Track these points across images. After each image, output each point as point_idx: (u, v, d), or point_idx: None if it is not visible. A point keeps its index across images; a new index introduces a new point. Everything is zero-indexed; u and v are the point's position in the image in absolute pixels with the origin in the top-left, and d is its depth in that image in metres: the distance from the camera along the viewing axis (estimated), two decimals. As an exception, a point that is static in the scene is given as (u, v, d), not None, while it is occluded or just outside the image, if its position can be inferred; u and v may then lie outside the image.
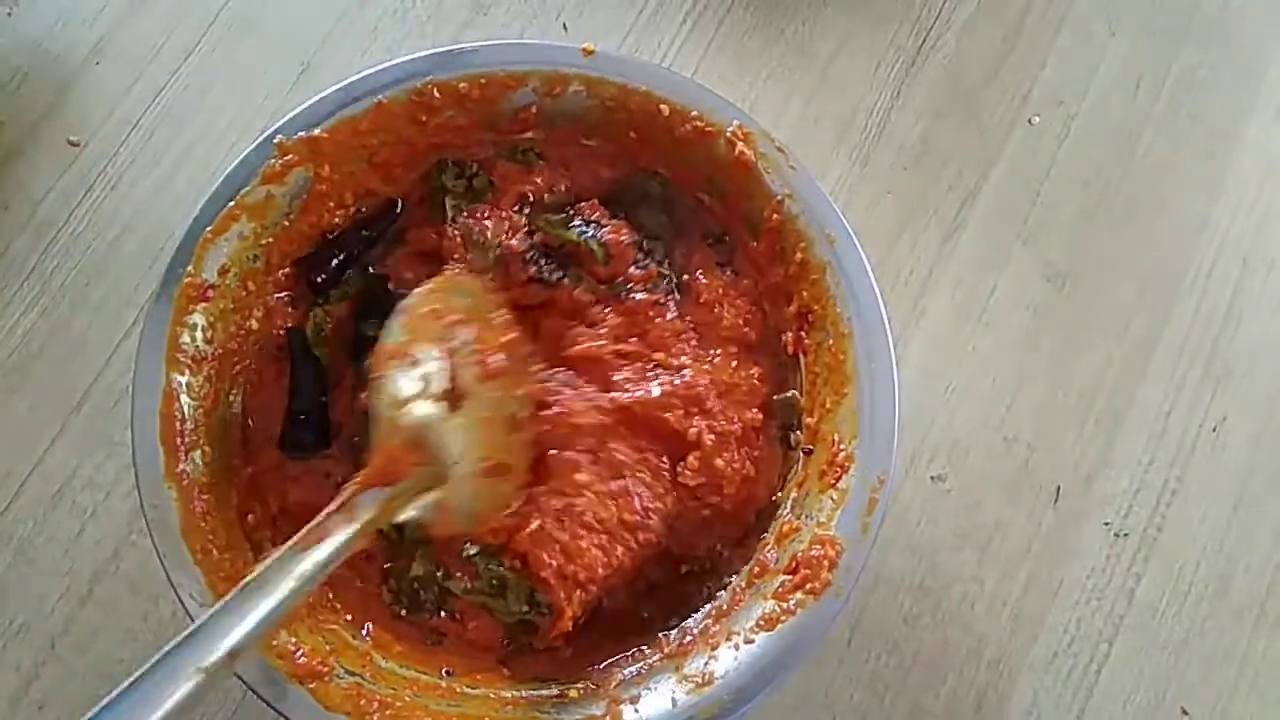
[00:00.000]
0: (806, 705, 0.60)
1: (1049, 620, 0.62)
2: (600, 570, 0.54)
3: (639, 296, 0.59)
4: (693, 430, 0.56)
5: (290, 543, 0.46)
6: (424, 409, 0.50)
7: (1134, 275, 0.68)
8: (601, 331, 0.58)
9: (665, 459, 0.56)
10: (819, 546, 0.52)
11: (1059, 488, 0.64)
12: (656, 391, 0.56)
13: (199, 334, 0.54)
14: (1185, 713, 0.61)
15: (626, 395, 0.56)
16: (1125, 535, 0.64)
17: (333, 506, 0.48)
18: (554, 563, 0.54)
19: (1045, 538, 0.63)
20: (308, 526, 0.47)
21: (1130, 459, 0.65)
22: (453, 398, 0.51)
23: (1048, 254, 0.68)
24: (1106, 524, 0.64)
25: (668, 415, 0.56)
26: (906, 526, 0.63)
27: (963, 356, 0.66)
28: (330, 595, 0.54)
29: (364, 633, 0.54)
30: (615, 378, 0.57)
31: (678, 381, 0.57)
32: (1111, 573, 0.63)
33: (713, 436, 0.56)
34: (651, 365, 0.58)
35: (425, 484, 0.50)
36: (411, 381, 0.50)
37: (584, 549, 0.54)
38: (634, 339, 0.58)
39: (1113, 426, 0.66)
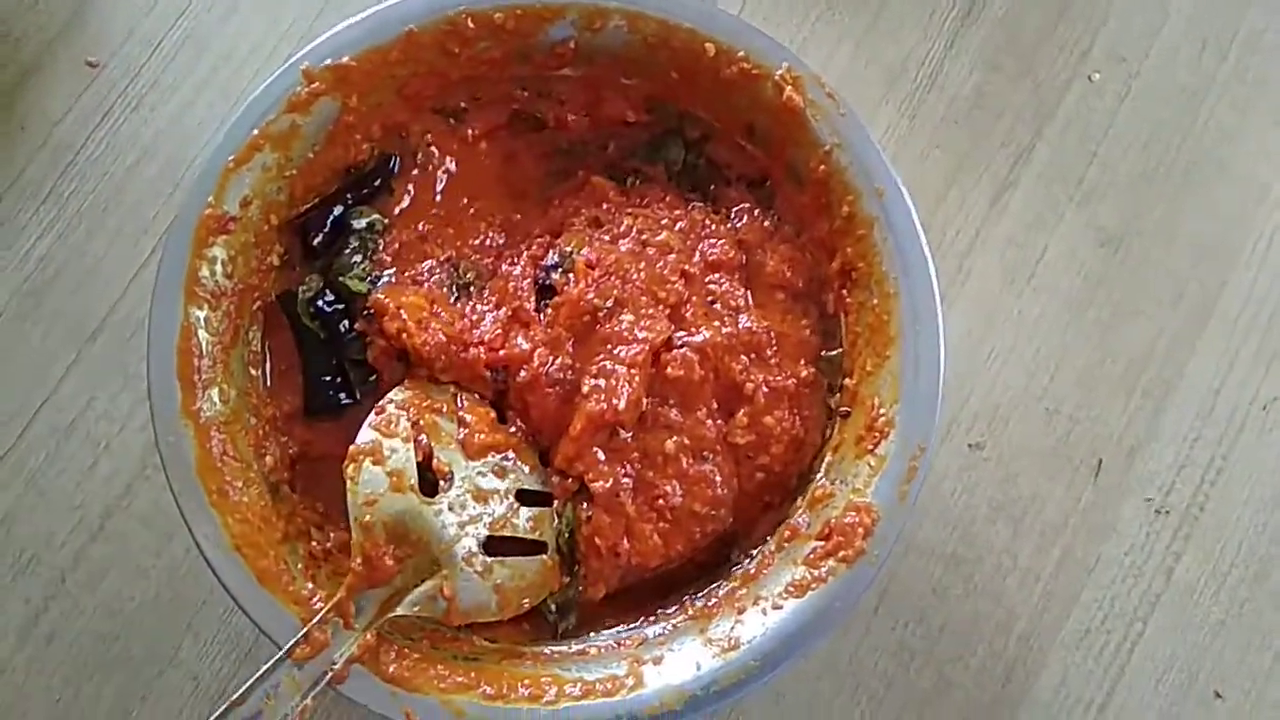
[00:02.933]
0: (830, 672, 0.59)
1: (1083, 596, 0.60)
2: (654, 561, 0.52)
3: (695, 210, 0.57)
4: (750, 384, 0.53)
5: (284, 650, 0.46)
6: (394, 500, 0.49)
7: (1190, 243, 0.65)
8: (665, 225, 0.56)
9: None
10: (854, 514, 0.50)
11: (1100, 461, 0.62)
12: (726, 332, 0.54)
13: (219, 268, 0.52)
14: (1219, 695, 0.59)
15: (699, 336, 0.53)
16: (1166, 513, 0.62)
17: (325, 611, 0.47)
18: (610, 541, 0.52)
19: (1083, 512, 0.61)
20: (299, 634, 0.46)
21: (1176, 434, 0.63)
22: (430, 485, 0.50)
23: (1101, 217, 0.65)
24: (1148, 500, 0.62)
25: (735, 366, 0.53)
26: (941, 495, 0.61)
27: (1007, 321, 0.64)
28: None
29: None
30: (685, 313, 0.54)
31: (741, 326, 0.54)
32: (1150, 550, 0.61)
33: (766, 390, 0.54)
34: (710, 299, 0.55)
35: (420, 575, 0.49)
36: (378, 476, 0.49)
37: (646, 534, 0.52)
38: (696, 260, 0.56)
39: (1160, 400, 0.63)
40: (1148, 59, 0.68)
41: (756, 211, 0.58)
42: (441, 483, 0.51)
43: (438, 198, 0.58)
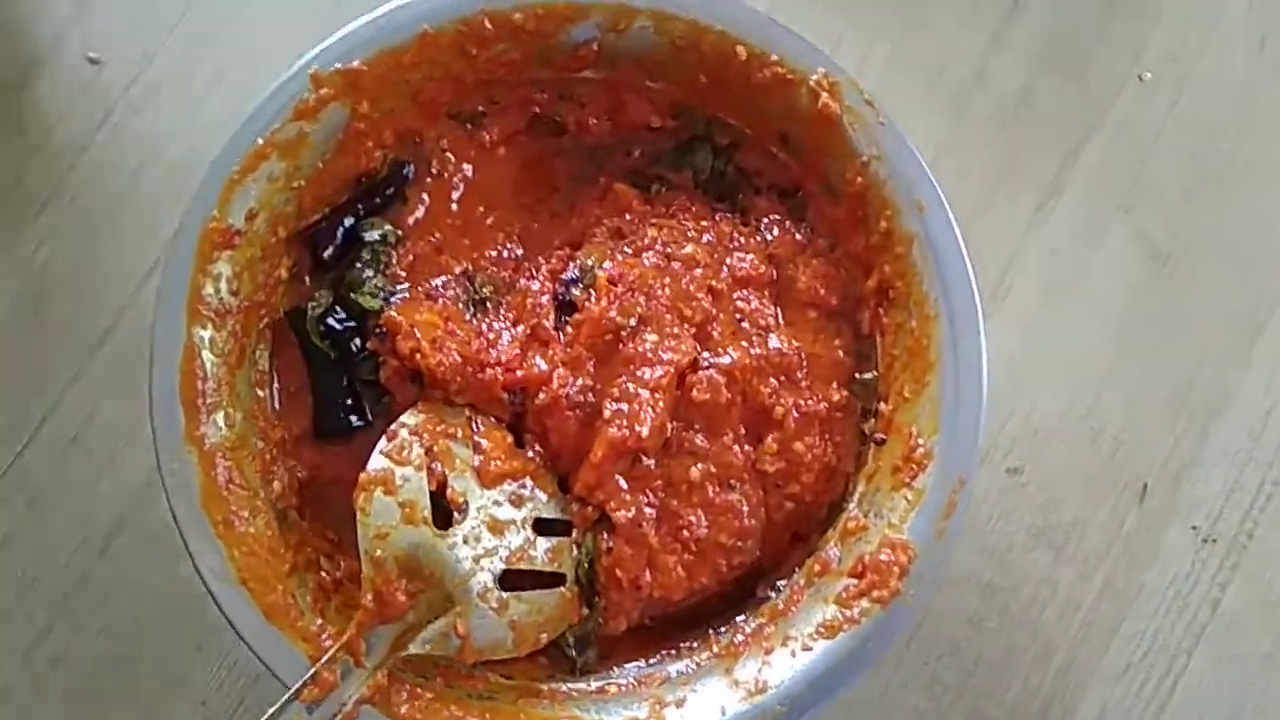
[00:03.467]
0: (860, 706, 0.57)
1: (1124, 628, 0.58)
2: (677, 594, 0.50)
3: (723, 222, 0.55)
4: (779, 408, 0.51)
5: (292, 692, 0.44)
6: (406, 534, 0.47)
7: (1243, 257, 0.62)
8: (691, 237, 0.53)
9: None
10: (889, 551, 0.48)
11: (1145, 486, 0.59)
12: (754, 353, 0.51)
13: (224, 284, 0.49)
14: (1265, 734, 0.57)
15: (726, 358, 0.51)
16: (1213, 540, 0.59)
17: (335, 650, 0.45)
18: (632, 573, 0.49)
19: (1126, 539, 0.59)
20: (307, 675, 0.44)
21: (1224, 458, 0.60)
22: (444, 514, 0.48)
23: (1151, 228, 0.62)
24: (1194, 527, 0.59)
25: (764, 389, 0.51)
26: (977, 521, 0.58)
27: (1050, 338, 0.61)
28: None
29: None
30: (712, 332, 0.52)
31: (771, 347, 0.52)
32: (1196, 580, 0.59)
33: (796, 415, 0.51)
34: (738, 316, 0.52)
35: (434, 611, 0.47)
36: (390, 507, 0.47)
37: (670, 565, 0.50)
38: (724, 274, 0.53)
39: (1208, 422, 0.60)
40: (1202, 58, 0.64)
41: (788, 223, 0.55)
42: (455, 514, 0.48)
43: (454, 207, 0.55)
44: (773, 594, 0.51)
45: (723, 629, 0.51)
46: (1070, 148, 0.63)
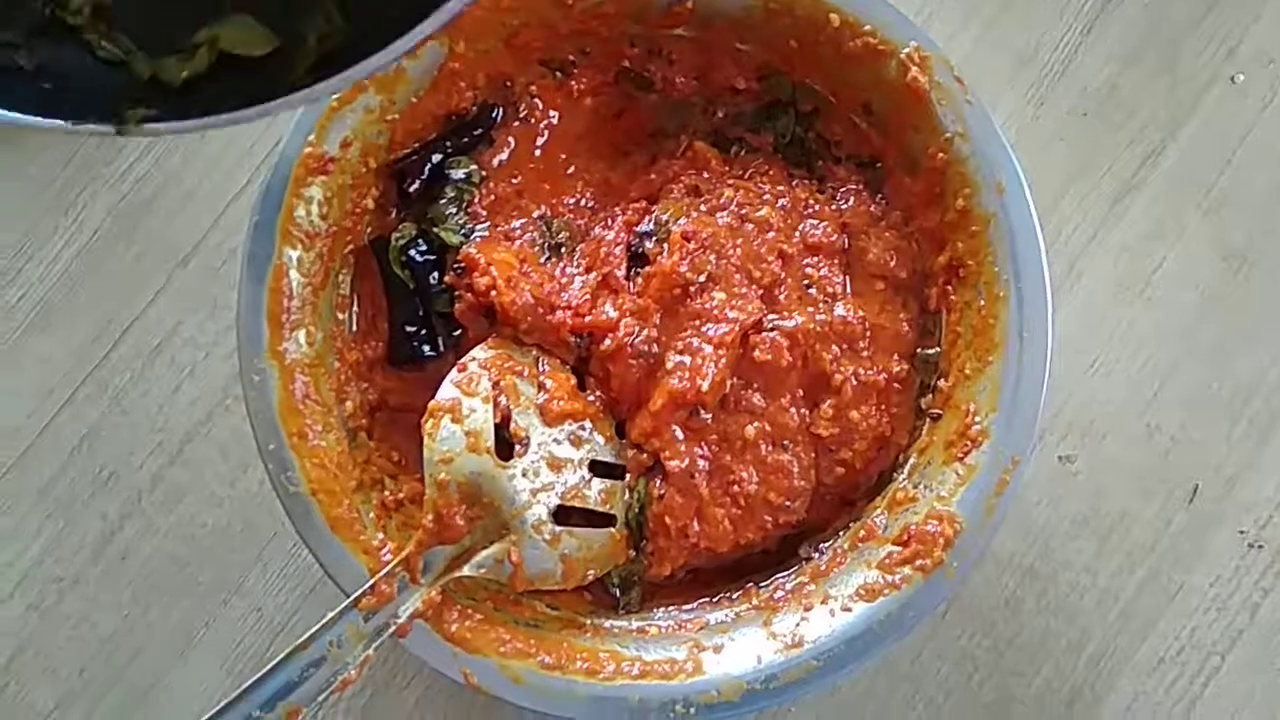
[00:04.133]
0: (889, 671, 0.58)
1: (1161, 624, 0.58)
2: (723, 548, 0.51)
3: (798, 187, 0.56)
4: (839, 375, 0.52)
5: (351, 599, 0.46)
6: (470, 461, 0.48)
7: (1321, 266, 0.61)
8: (767, 200, 0.54)
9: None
10: (935, 522, 0.49)
11: (1197, 486, 0.59)
12: (819, 319, 0.52)
13: (315, 208, 0.51)
14: (1293, 742, 0.57)
15: (790, 321, 0.52)
16: (1260, 547, 0.59)
17: (394, 564, 0.47)
18: (681, 521, 0.51)
19: (1173, 537, 0.59)
20: (366, 585, 0.46)
21: (1279, 468, 0.59)
22: (506, 446, 0.50)
23: (1228, 231, 0.61)
24: (1242, 532, 0.59)
25: (826, 355, 0.52)
26: (1023, 504, 0.59)
27: (1115, 331, 0.61)
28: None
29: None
30: (779, 295, 0.53)
31: (836, 315, 0.53)
32: (1238, 584, 0.59)
33: (855, 384, 0.52)
34: (806, 282, 0.53)
35: (489, 538, 0.48)
36: (456, 435, 0.48)
37: (718, 518, 0.51)
38: (796, 239, 0.54)
39: (1267, 429, 0.60)
40: (1299, 63, 0.63)
41: (864, 194, 0.56)
42: (517, 447, 0.50)
43: (537, 152, 0.57)
44: (816, 555, 0.52)
45: (764, 584, 0.52)
46: (1153, 144, 0.62)
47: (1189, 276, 0.61)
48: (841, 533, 0.53)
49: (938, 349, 0.54)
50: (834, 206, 0.55)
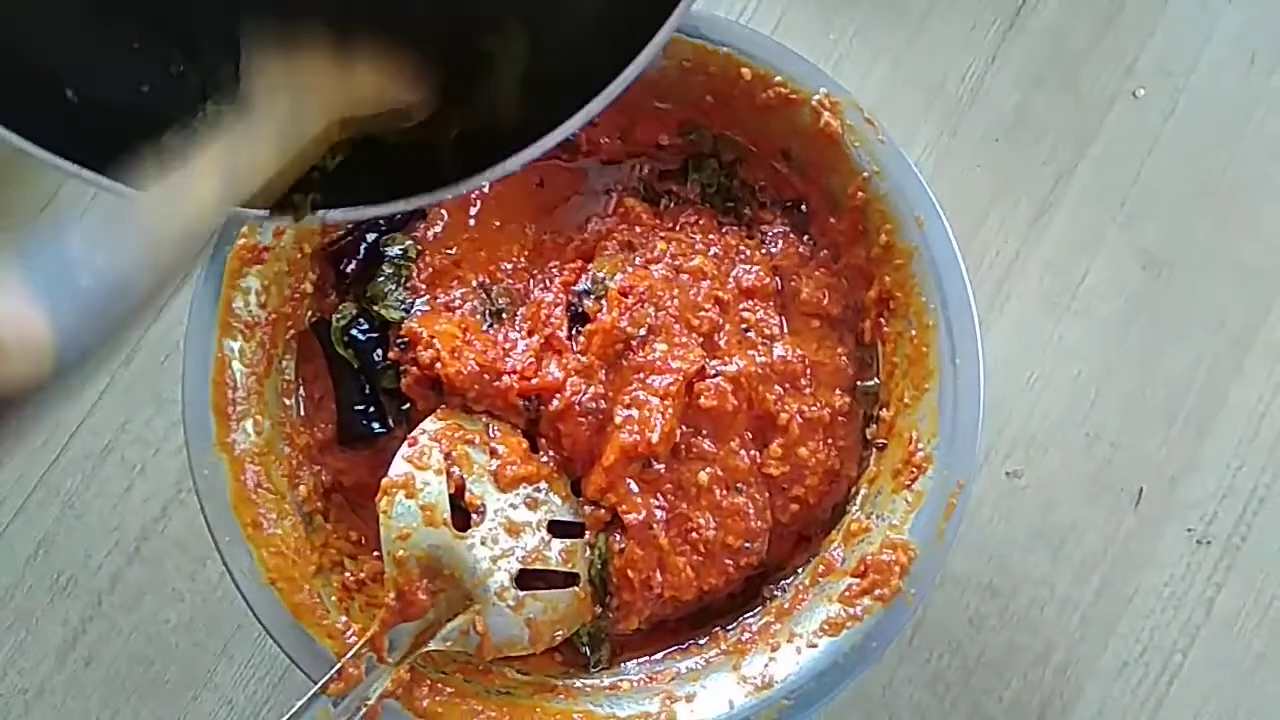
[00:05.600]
0: (863, 702, 0.58)
1: (1121, 627, 0.60)
2: (688, 595, 0.52)
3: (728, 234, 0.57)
4: (784, 414, 0.53)
5: (319, 685, 0.46)
6: (427, 535, 0.49)
7: (1235, 266, 0.64)
8: (699, 249, 0.56)
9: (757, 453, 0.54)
10: (890, 551, 0.50)
11: (1141, 490, 0.61)
12: (760, 361, 0.53)
13: (253, 298, 0.52)
14: (1259, 730, 0.59)
15: (732, 366, 0.53)
16: (1208, 543, 0.61)
17: (360, 646, 0.47)
18: (644, 573, 0.51)
19: (1123, 541, 0.60)
20: (333, 670, 0.46)
21: (1218, 463, 0.61)
22: (463, 516, 0.50)
23: (1145, 239, 0.64)
24: (1189, 530, 0.61)
25: (769, 395, 0.53)
26: (977, 524, 0.60)
27: (1047, 346, 0.63)
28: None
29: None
30: (719, 341, 0.54)
31: (776, 355, 0.54)
32: (1191, 581, 0.60)
33: (801, 421, 0.53)
34: (744, 326, 0.55)
35: (454, 610, 0.49)
36: (411, 510, 0.49)
37: (680, 566, 0.52)
38: (730, 285, 0.55)
39: (1202, 426, 0.62)
40: (1194, 73, 0.66)
41: (792, 236, 0.57)
42: (474, 515, 0.51)
43: (471, 221, 0.58)
44: (779, 593, 0.53)
45: (730, 627, 0.53)
46: (1065, 163, 0.65)
47: (1112, 286, 0.63)
48: (801, 569, 0.54)
49: (876, 380, 0.55)
50: (764, 250, 0.57)
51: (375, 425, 0.54)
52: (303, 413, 0.55)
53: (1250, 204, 0.64)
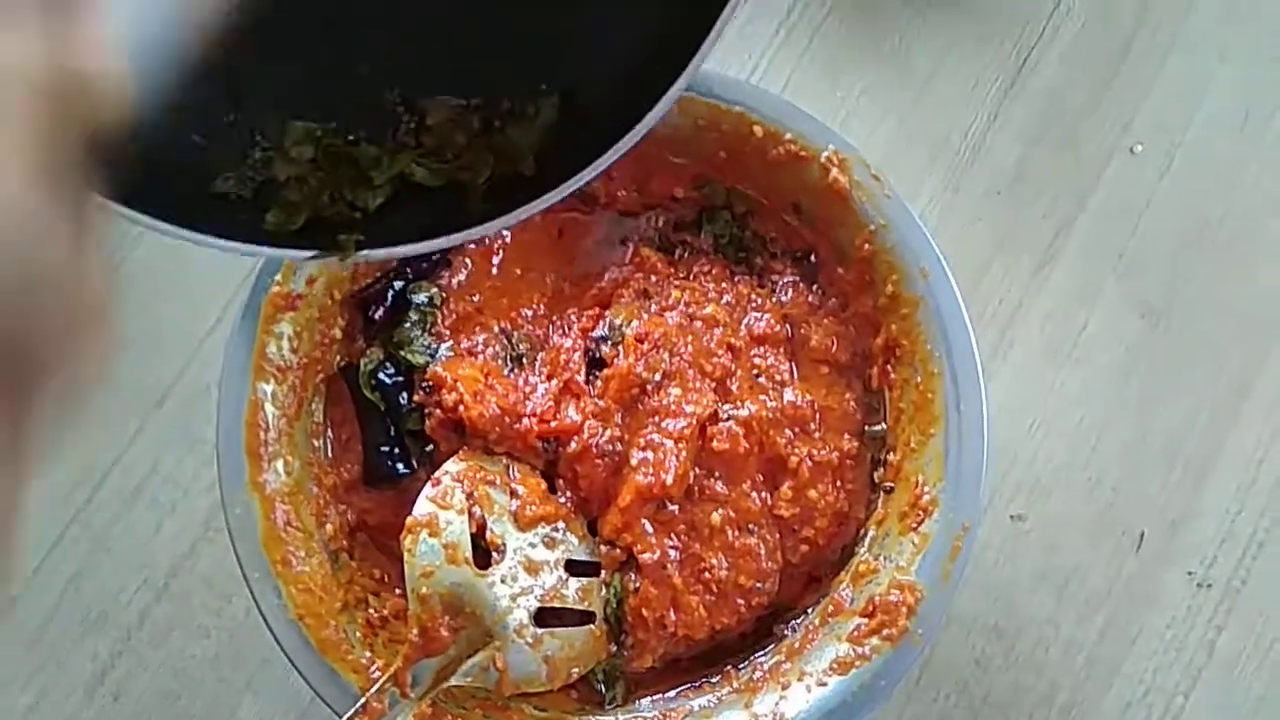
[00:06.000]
0: (872, 742, 0.59)
1: (1124, 669, 0.61)
2: (700, 634, 0.54)
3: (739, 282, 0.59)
4: (794, 457, 0.55)
5: (346, 719, 0.47)
6: (450, 573, 0.50)
7: (1232, 315, 0.66)
8: (712, 298, 0.58)
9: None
10: (898, 592, 0.51)
11: (1143, 533, 0.62)
12: (771, 406, 0.55)
13: (285, 343, 0.54)
14: (1260, 772, 0.60)
15: (744, 410, 0.55)
16: (1208, 586, 0.62)
17: (383, 681, 0.48)
18: (658, 612, 0.53)
19: (1126, 583, 0.62)
20: (358, 704, 0.48)
21: (1218, 507, 0.63)
22: (483, 554, 0.52)
23: (1143, 290, 0.66)
24: (1190, 573, 0.62)
25: (780, 439, 0.55)
26: (983, 566, 0.62)
27: (1049, 393, 0.64)
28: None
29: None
30: (731, 386, 0.56)
31: (786, 400, 0.56)
32: (1192, 624, 0.61)
33: (810, 464, 0.55)
34: (755, 371, 0.57)
35: (474, 646, 0.50)
36: (434, 549, 0.51)
37: (693, 605, 0.53)
38: (742, 333, 0.57)
39: (1201, 472, 0.63)
40: (1189, 130, 0.69)
41: (802, 285, 0.59)
42: (494, 554, 0.52)
43: (494, 270, 0.60)
44: (789, 632, 0.55)
45: (742, 665, 0.55)
46: (1064, 215, 0.67)
47: (1111, 336, 0.65)
48: (811, 609, 0.55)
49: (884, 425, 0.57)
50: (775, 299, 0.59)
51: (400, 466, 0.56)
52: (330, 454, 0.57)
53: (1246, 255, 0.67)
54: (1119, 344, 0.65)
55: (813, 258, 0.60)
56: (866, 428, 0.57)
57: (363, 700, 0.48)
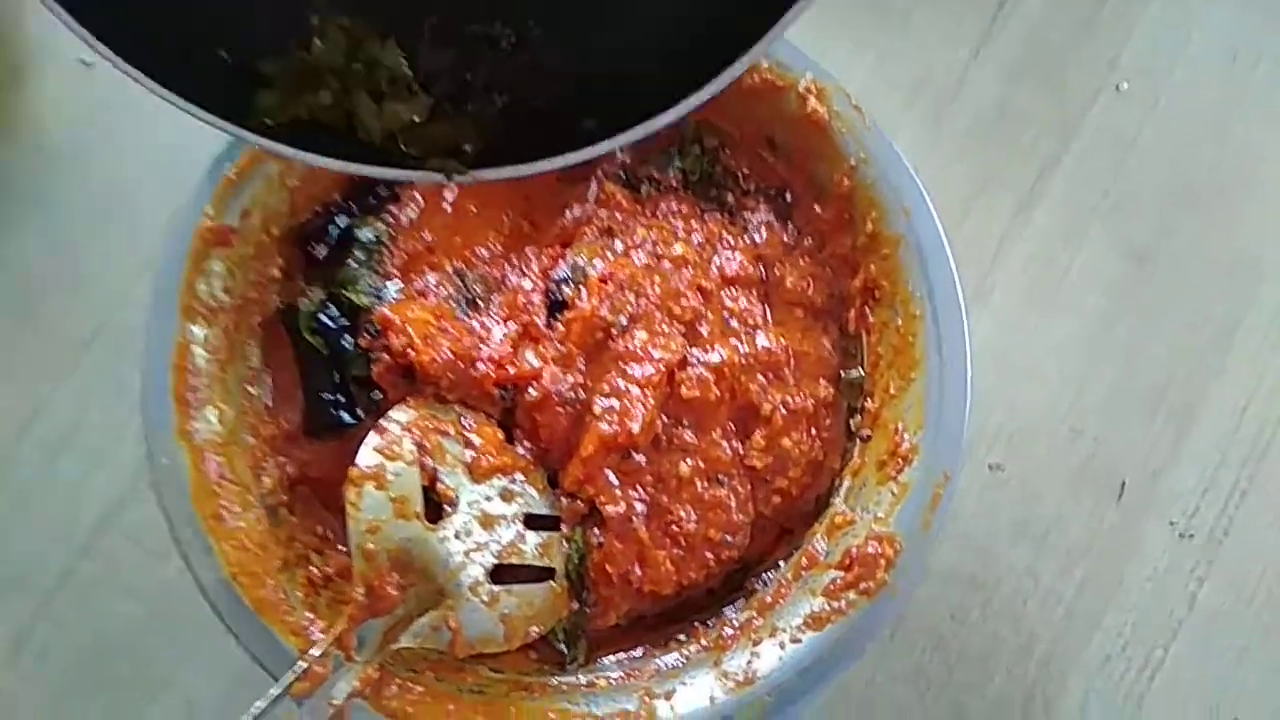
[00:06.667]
0: (844, 700, 0.57)
1: (1105, 621, 0.59)
2: (667, 590, 0.51)
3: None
4: (767, 405, 0.51)
5: (283, 685, 0.43)
6: (398, 528, 0.47)
7: (1217, 260, 0.64)
8: (681, 237, 0.54)
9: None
10: (875, 544, 0.49)
11: (1124, 483, 0.61)
12: (743, 351, 0.52)
13: (217, 282, 0.50)
14: (1240, 725, 0.58)
15: (715, 355, 0.51)
16: (1190, 536, 0.60)
17: (326, 644, 0.45)
18: (622, 568, 0.50)
19: (1106, 535, 0.60)
20: (297, 668, 0.44)
21: (1200, 457, 0.61)
22: (435, 508, 0.48)
23: (1127, 233, 0.63)
24: (1172, 523, 0.60)
25: (752, 386, 0.52)
26: (960, 517, 0.59)
27: (1030, 339, 0.62)
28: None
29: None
30: (701, 330, 0.52)
31: (759, 345, 0.53)
32: (1174, 575, 0.60)
33: (784, 412, 0.52)
34: (727, 315, 0.53)
35: (424, 605, 0.47)
36: (381, 502, 0.47)
37: (660, 560, 0.50)
38: (713, 274, 0.54)
39: (1184, 421, 0.62)
40: (1176, 70, 0.66)
41: (775, 224, 0.56)
42: (446, 508, 0.49)
43: (446, 206, 0.56)
44: (760, 587, 0.52)
45: (711, 622, 0.52)
46: (1048, 156, 0.64)
47: (1095, 280, 0.63)
48: (784, 562, 0.52)
49: (861, 371, 0.54)
50: (747, 238, 0.56)
51: (344, 415, 0.52)
52: (268, 402, 0.52)
53: (1232, 199, 0.64)
54: (1102, 289, 0.63)
55: (788, 195, 0.56)
56: (843, 373, 0.54)
57: (303, 664, 0.44)
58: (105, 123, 0.62)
